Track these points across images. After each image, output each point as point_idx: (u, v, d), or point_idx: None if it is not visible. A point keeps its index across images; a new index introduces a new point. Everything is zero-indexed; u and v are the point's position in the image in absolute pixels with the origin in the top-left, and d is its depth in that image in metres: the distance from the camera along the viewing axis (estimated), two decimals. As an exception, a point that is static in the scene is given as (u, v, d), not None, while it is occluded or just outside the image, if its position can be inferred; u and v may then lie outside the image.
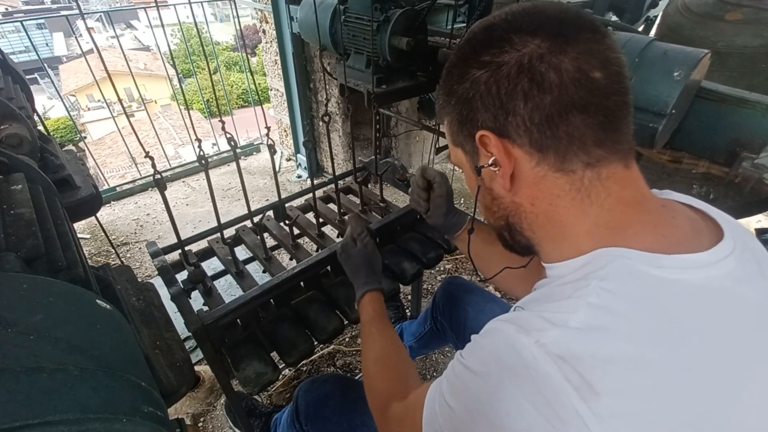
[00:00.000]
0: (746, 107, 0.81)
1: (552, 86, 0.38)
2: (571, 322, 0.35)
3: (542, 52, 0.39)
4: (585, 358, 0.33)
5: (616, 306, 0.35)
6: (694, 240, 0.40)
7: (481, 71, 0.41)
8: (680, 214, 0.43)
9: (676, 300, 0.36)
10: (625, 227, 0.40)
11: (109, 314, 0.37)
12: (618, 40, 0.85)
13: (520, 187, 0.44)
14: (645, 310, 0.35)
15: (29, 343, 0.28)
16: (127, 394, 0.30)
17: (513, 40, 0.40)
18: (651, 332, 0.34)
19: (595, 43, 0.39)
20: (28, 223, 0.43)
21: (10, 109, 0.69)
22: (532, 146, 0.41)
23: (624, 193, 0.41)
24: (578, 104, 0.38)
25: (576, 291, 0.38)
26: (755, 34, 1.14)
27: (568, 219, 0.42)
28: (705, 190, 1.16)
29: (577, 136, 0.39)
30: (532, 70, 0.39)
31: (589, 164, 0.40)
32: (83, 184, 0.81)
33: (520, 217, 0.47)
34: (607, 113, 0.39)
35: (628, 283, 0.36)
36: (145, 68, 16.02)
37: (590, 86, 0.38)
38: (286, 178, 2.63)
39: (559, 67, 0.38)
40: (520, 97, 0.39)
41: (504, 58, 0.40)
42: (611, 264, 0.38)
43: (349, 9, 1.36)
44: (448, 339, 1.08)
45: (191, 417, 1.33)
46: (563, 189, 0.41)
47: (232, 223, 1.06)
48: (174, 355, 0.57)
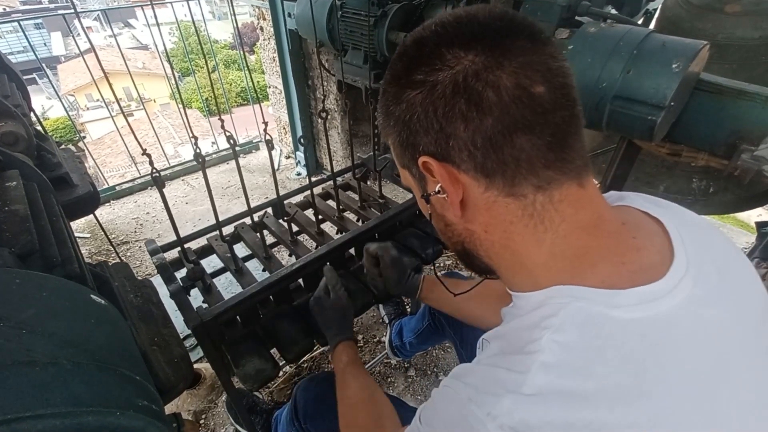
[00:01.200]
0: (745, 99, 0.80)
1: (491, 106, 0.35)
2: (524, 387, 0.33)
3: (477, 68, 0.35)
4: (540, 427, 0.31)
5: (572, 362, 0.33)
6: (656, 262, 0.37)
7: (415, 92, 0.38)
8: (641, 230, 0.40)
9: (638, 344, 0.33)
10: (581, 257, 0.38)
11: (104, 309, 0.37)
12: (616, 32, 0.85)
13: (473, 214, 0.41)
14: (604, 364, 0.32)
15: (22, 337, 0.28)
16: (121, 388, 0.30)
17: (445, 56, 0.36)
18: (611, 391, 0.31)
19: (534, 53, 0.36)
20: (23, 219, 0.43)
21: (5, 107, 0.69)
22: (477, 171, 0.38)
23: (579, 216, 0.38)
24: (522, 124, 0.35)
25: (530, 344, 0.35)
26: (755, 26, 1.13)
27: (523, 247, 0.40)
28: (704, 183, 1.16)
29: (524, 158, 0.36)
30: (468, 89, 0.35)
31: (540, 187, 0.37)
32: (80, 182, 0.81)
33: (476, 244, 0.44)
34: (554, 131, 0.36)
35: (584, 333, 0.34)
36: (144, 67, 15.99)
37: (533, 103, 0.35)
38: (286, 175, 2.62)
39: (497, 84, 0.35)
40: (459, 119, 0.36)
41: (438, 77, 0.36)
42: (565, 309, 0.35)
43: (346, 4, 1.36)
44: (447, 335, 1.08)
45: (193, 414, 1.33)
46: (516, 215, 0.39)
47: (231, 220, 1.06)
48: (172, 351, 0.57)
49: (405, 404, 0.82)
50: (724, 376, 0.34)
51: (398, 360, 1.44)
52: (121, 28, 24.31)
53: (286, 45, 2.12)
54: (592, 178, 0.40)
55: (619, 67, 0.81)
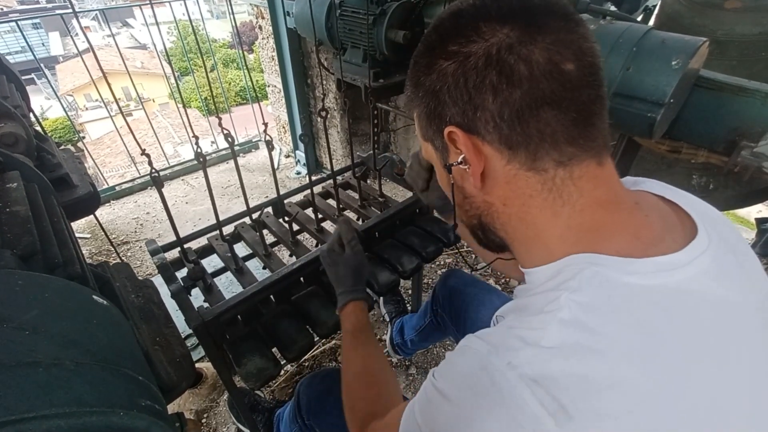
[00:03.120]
0: (745, 96, 0.80)
1: (522, 79, 0.36)
2: (543, 340, 0.34)
3: (511, 42, 0.36)
4: (559, 379, 0.32)
5: (589, 321, 0.34)
6: (668, 238, 0.39)
7: (448, 62, 0.39)
8: (653, 210, 0.42)
9: (651, 309, 0.34)
10: (597, 230, 0.39)
11: (106, 310, 0.37)
12: (616, 29, 0.85)
13: (492, 186, 0.42)
14: (618, 323, 0.34)
15: (25, 338, 0.28)
16: (124, 388, 0.30)
17: (481, 29, 0.37)
18: (625, 348, 0.33)
19: (567, 32, 0.37)
20: (24, 220, 0.43)
21: (5, 108, 0.69)
22: (502, 143, 0.39)
23: (597, 193, 0.39)
24: (549, 99, 0.36)
25: (547, 304, 0.37)
26: (755, 22, 1.13)
27: (540, 220, 0.41)
28: (704, 180, 1.16)
29: (549, 132, 0.37)
30: (501, 61, 0.36)
31: (561, 162, 0.38)
32: (81, 182, 0.81)
33: (493, 217, 0.45)
34: (580, 108, 0.37)
35: (600, 294, 0.35)
36: (142, 67, 15.96)
37: (562, 79, 0.36)
38: (285, 174, 2.62)
39: (530, 58, 0.36)
40: (489, 90, 0.37)
41: (471, 49, 0.37)
42: (582, 273, 0.37)
43: (344, 3, 1.35)
44: (449, 332, 1.08)
45: (195, 413, 1.34)
46: (535, 189, 0.40)
47: (231, 220, 1.06)
48: (173, 350, 0.57)
49: (408, 401, 0.83)
50: (733, 349, 0.35)
51: (399, 358, 1.45)
52: (119, 28, 24.25)
53: (285, 44, 2.12)
54: (611, 160, 0.41)
55: (619, 64, 0.81)
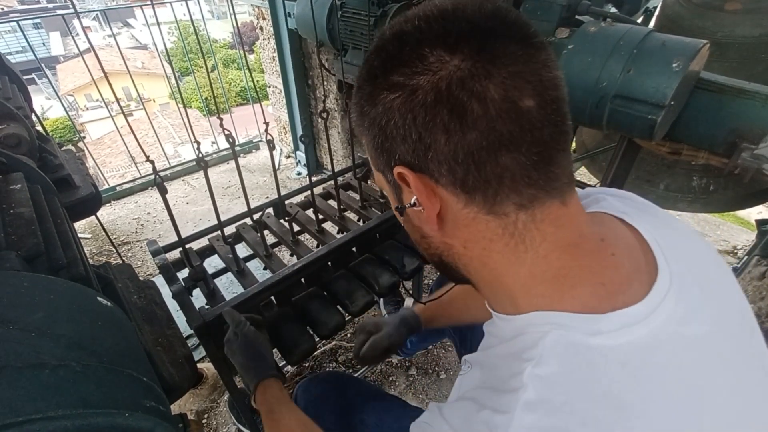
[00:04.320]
0: (745, 97, 0.80)
1: (476, 120, 0.32)
2: (509, 429, 0.32)
3: (462, 75, 0.32)
4: None
5: (555, 399, 0.32)
6: (634, 280, 0.36)
7: (393, 95, 0.34)
8: (619, 245, 0.39)
9: (619, 374, 0.32)
10: (561, 278, 0.37)
11: (110, 311, 0.38)
12: (616, 31, 0.85)
13: (450, 229, 0.39)
14: (586, 397, 0.32)
15: (31, 340, 0.28)
16: (129, 389, 0.30)
17: (427, 58, 0.33)
18: (595, 426, 0.31)
19: (526, 60, 0.32)
20: (28, 222, 0.43)
21: (7, 109, 0.69)
22: (456, 186, 0.35)
23: (559, 235, 0.36)
24: (507, 140, 0.32)
25: (512, 379, 0.34)
26: (755, 23, 1.14)
27: (502, 266, 0.38)
28: (705, 182, 1.16)
29: (508, 176, 0.34)
30: (452, 99, 0.32)
31: (522, 206, 0.35)
32: (82, 183, 0.81)
33: (454, 258, 0.42)
34: (542, 149, 0.33)
35: (565, 365, 0.33)
36: (143, 67, 15.96)
37: (521, 119, 0.32)
38: (286, 175, 2.63)
39: (484, 96, 0.31)
40: (440, 131, 0.33)
41: (418, 81, 0.33)
42: (545, 339, 0.34)
43: (345, 4, 1.36)
44: (446, 333, 1.08)
45: (195, 413, 1.34)
46: (496, 233, 0.36)
47: (232, 220, 1.06)
48: (176, 351, 0.57)
49: (407, 404, 0.83)
50: (709, 394, 0.33)
51: (399, 359, 1.45)
52: (120, 28, 24.26)
53: (286, 45, 2.12)
54: (576, 195, 0.38)
55: (620, 66, 0.82)
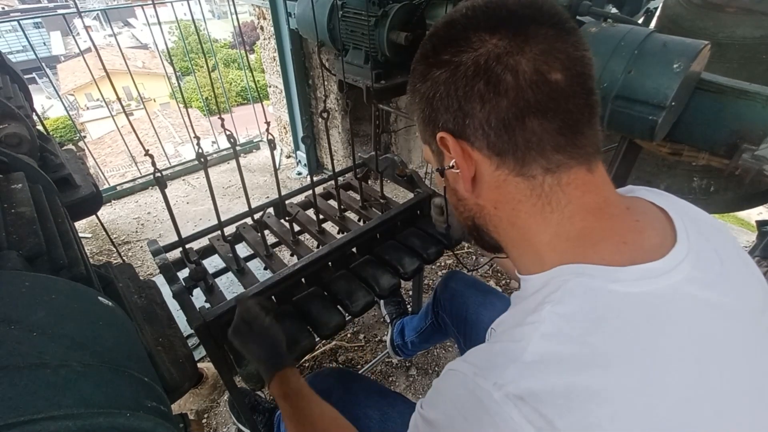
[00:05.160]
0: (746, 98, 0.80)
1: (508, 89, 0.37)
2: (525, 355, 0.34)
3: (499, 52, 0.37)
4: (543, 394, 0.32)
5: (570, 332, 0.34)
6: (657, 244, 0.39)
7: (440, 71, 0.41)
8: (645, 214, 0.42)
9: (634, 316, 0.35)
10: (585, 237, 0.40)
11: (111, 311, 0.38)
12: (617, 32, 0.85)
13: (482, 190, 0.43)
14: (599, 332, 0.34)
15: (32, 339, 0.28)
16: (130, 389, 0.30)
17: (471, 39, 0.39)
18: (605, 357, 0.33)
19: (557, 40, 0.37)
20: (29, 221, 0.44)
21: (8, 109, 0.69)
22: (490, 150, 0.40)
23: (585, 199, 0.40)
24: (535, 108, 0.37)
25: (530, 316, 0.37)
26: (756, 24, 1.14)
27: (530, 225, 0.42)
28: (705, 183, 1.16)
29: (535, 141, 0.38)
30: (488, 71, 0.37)
31: (549, 169, 0.39)
32: (83, 183, 0.81)
33: (485, 219, 0.46)
34: (567, 117, 0.38)
35: (583, 305, 0.36)
36: (144, 66, 15.97)
37: (548, 89, 0.37)
38: (286, 175, 2.63)
39: (516, 68, 0.37)
40: (477, 99, 0.38)
41: (462, 58, 0.39)
42: (566, 285, 0.37)
43: (346, 4, 1.36)
44: (450, 333, 1.08)
45: (195, 413, 1.34)
46: (524, 194, 0.41)
47: (232, 220, 1.06)
48: (176, 351, 0.57)
49: (408, 400, 0.83)
50: (714, 356, 0.35)
51: (399, 359, 1.45)
52: (120, 28, 24.27)
53: (287, 45, 2.12)
54: (602, 165, 0.42)
55: (620, 67, 0.82)
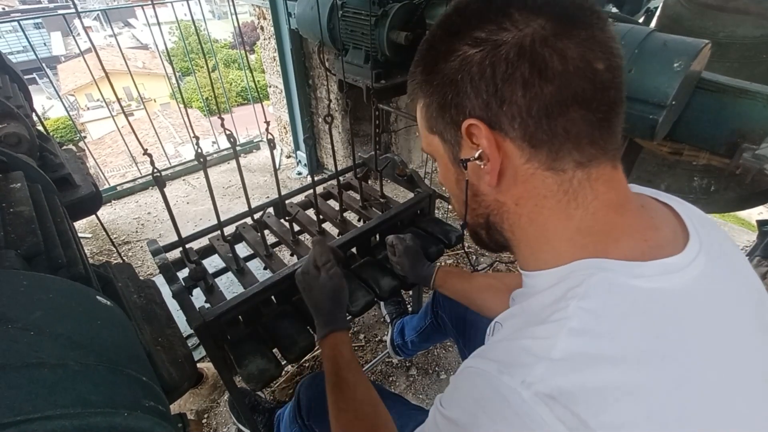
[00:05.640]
0: (747, 98, 0.80)
1: (555, 75, 0.34)
2: (553, 352, 0.33)
3: (546, 34, 0.34)
4: (575, 392, 0.31)
5: (599, 328, 0.33)
6: (672, 240, 0.39)
7: (474, 50, 0.36)
8: (657, 213, 0.42)
9: (659, 311, 0.34)
10: (606, 233, 0.39)
11: (110, 310, 0.38)
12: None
13: (506, 185, 0.41)
14: (628, 328, 0.34)
15: (30, 339, 0.28)
16: (128, 388, 0.30)
17: (514, 17, 0.35)
18: (636, 354, 0.32)
19: (599, 30, 0.36)
20: (28, 220, 0.43)
21: (8, 108, 0.69)
22: (524, 140, 0.37)
23: (609, 195, 0.39)
24: (580, 97, 0.35)
25: (555, 313, 0.36)
26: (756, 24, 1.13)
27: (551, 222, 0.40)
28: (706, 182, 1.16)
29: (574, 132, 0.36)
30: (535, 54, 0.34)
31: (581, 164, 0.37)
32: (83, 182, 0.81)
33: (502, 217, 0.43)
34: (606, 109, 0.36)
35: (609, 301, 0.35)
36: (144, 67, 15.97)
37: (594, 78, 0.35)
38: (286, 175, 2.63)
39: (564, 53, 0.34)
40: (519, 84, 0.35)
41: (503, 37, 0.35)
42: (590, 279, 0.36)
43: (346, 4, 1.36)
44: (449, 333, 1.08)
45: (195, 413, 1.34)
46: (551, 189, 0.39)
47: (232, 220, 1.06)
48: (175, 351, 0.57)
49: (408, 402, 0.83)
50: (736, 347, 0.35)
51: (400, 359, 1.45)
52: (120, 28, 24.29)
53: (287, 45, 2.12)
54: (620, 162, 0.41)
55: (621, 66, 0.81)
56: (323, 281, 0.72)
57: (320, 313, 0.72)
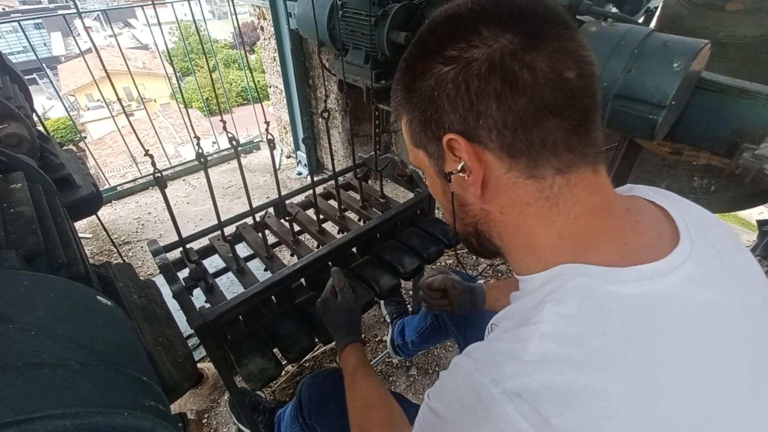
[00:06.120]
0: (747, 98, 0.80)
1: (526, 87, 0.36)
2: (525, 354, 0.34)
3: (514, 48, 0.36)
4: (540, 392, 0.32)
5: (570, 332, 0.34)
6: (657, 245, 0.39)
7: (447, 67, 0.38)
8: (644, 215, 0.42)
9: (631, 318, 0.35)
10: (587, 238, 0.39)
11: (110, 310, 0.38)
12: (617, 31, 0.85)
13: (491, 195, 0.42)
14: (599, 333, 0.34)
15: (30, 338, 0.28)
16: (129, 388, 0.30)
17: (482, 34, 0.37)
18: (604, 358, 0.33)
19: (567, 39, 0.37)
20: (28, 221, 0.43)
21: (8, 109, 0.69)
22: (503, 151, 0.38)
23: (590, 200, 0.40)
24: (553, 106, 0.36)
25: (534, 316, 0.37)
26: (756, 24, 1.13)
27: (535, 229, 0.41)
28: (706, 182, 1.16)
29: (551, 140, 0.37)
30: (505, 68, 0.36)
31: (560, 170, 0.39)
32: (83, 183, 0.81)
33: (489, 225, 0.45)
34: (580, 116, 0.37)
35: (583, 305, 0.35)
36: (144, 67, 15.98)
37: (564, 87, 0.36)
38: (287, 175, 2.63)
39: (534, 66, 0.35)
40: (492, 98, 0.36)
41: (473, 54, 0.37)
42: (566, 284, 0.37)
43: (346, 4, 1.36)
44: (450, 333, 1.08)
45: (196, 413, 1.34)
46: (532, 196, 0.40)
47: (232, 220, 1.06)
48: (176, 351, 0.57)
49: (408, 401, 0.83)
50: (716, 355, 0.35)
51: (400, 359, 1.45)
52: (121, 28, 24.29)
53: (287, 45, 2.12)
54: (604, 166, 0.42)
55: (621, 66, 0.82)
56: (340, 304, 0.81)
57: (338, 329, 0.81)
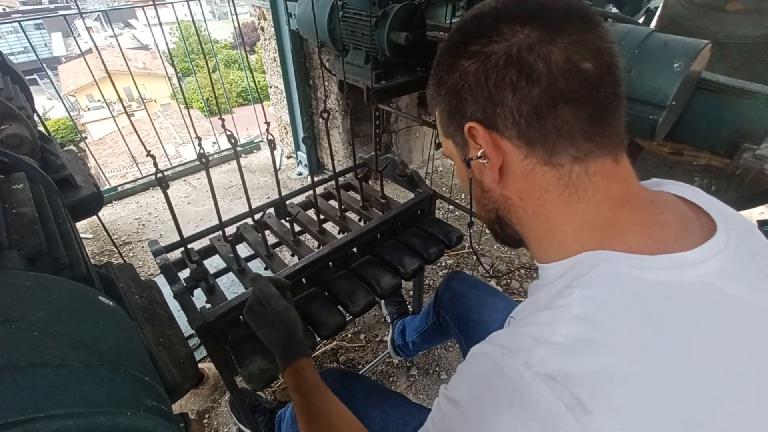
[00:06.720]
0: (747, 98, 0.80)
1: (540, 78, 0.38)
2: (555, 336, 0.34)
3: (531, 42, 0.38)
4: (573, 374, 0.32)
5: (600, 316, 0.34)
6: (683, 237, 0.39)
7: (470, 62, 0.41)
8: (670, 209, 0.42)
9: (661, 304, 0.35)
10: (611, 227, 0.40)
11: (112, 311, 0.38)
12: (617, 31, 0.85)
13: (509, 181, 0.44)
14: (629, 318, 0.34)
15: (33, 339, 0.28)
16: (131, 388, 0.30)
17: (502, 30, 0.39)
18: (635, 343, 0.33)
19: (586, 32, 0.38)
20: (30, 221, 0.44)
21: (10, 109, 0.69)
22: (520, 139, 0.40)
23: (612, 189, 0.40)
24: (567, 96, 0.38)
25: (559, 300, 0.37)
26: (756, 24, 1.14)
27: (555, 215, 0.42)
28: (706, 182, 1.16)
29: (566, 129, 0.39)
30: (521, 60, 0.38)
31: (577, 158, 0.40)
32: (84, 183, 0.81)
33: (509, 211, 0.46)
34: (597, 106, 0.38)
35: (612, 290, 0.36)
36: (144, 67, 16.00)
37: (580, 78, 0.37)
38: (287, 175, 2.63)
39: (549, 57, 0.37)
40: (509, 88, 0.39)
41: (493, 48, 0.39)
42: (595, 269, 0.37)
43: (347, 4, 1.36)
44: (451, 334, 1.08)
45: (196, 413, 1.34)
46: (551, 183, 0.41)
47: (233, 220, 1.06)
48: (177, 351, 0.57)
49: (408, 401, 0.83)
50: (741, 349, 0.35)
51: (400, 359, 1.45)
52: (121, 29, 24.31)
53: (287, 45, 2.12)
54: (627, 157, 0.42)
55: (621, 66, 0.82)
56: (270, 315, 0.70)
57: (275, 346, 0.70)
